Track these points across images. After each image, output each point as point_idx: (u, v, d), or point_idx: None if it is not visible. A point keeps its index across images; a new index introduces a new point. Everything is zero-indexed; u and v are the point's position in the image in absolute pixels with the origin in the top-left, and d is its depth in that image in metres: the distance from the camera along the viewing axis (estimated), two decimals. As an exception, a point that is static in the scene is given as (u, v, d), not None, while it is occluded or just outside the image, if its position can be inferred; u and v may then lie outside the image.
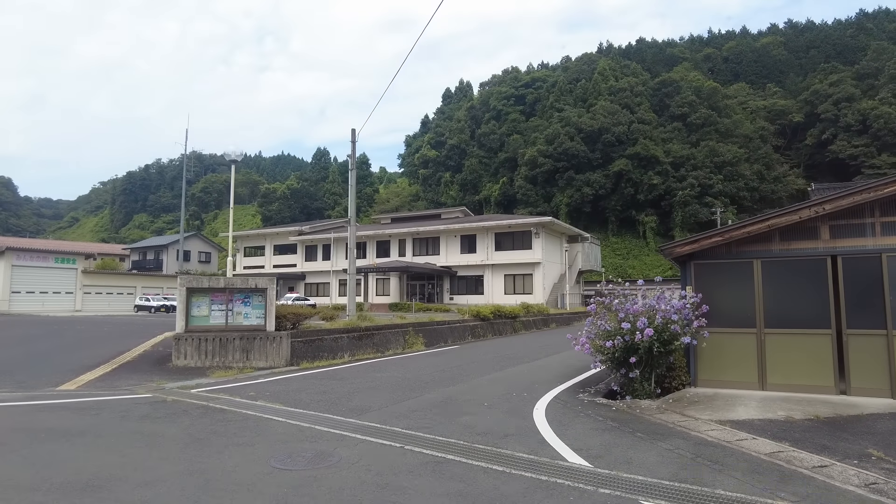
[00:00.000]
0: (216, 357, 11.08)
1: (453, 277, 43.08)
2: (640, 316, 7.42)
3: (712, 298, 7.82)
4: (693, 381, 7.93)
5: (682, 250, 7.87)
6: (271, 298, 11.71)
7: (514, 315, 22.37)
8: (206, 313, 11.48)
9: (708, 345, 7.63)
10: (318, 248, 49.63)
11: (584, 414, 6.36)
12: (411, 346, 14.99)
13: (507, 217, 46.78)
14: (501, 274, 40.97)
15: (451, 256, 43.17)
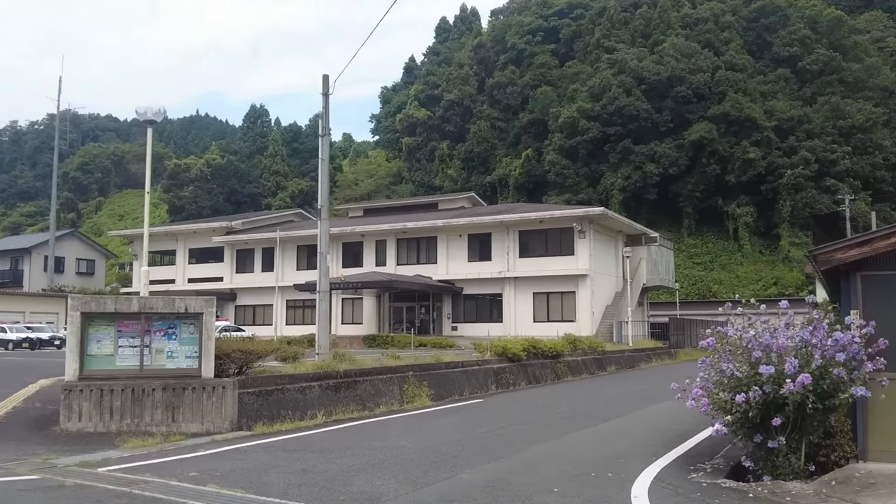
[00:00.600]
0: (127, 417, 10.84)
1: (457, 297, 43.06)
2: (787, 355, 7.26)
3: (889, 328, 7.68)
4: (862, 452, 7.78)
5: (845, 256, 7.74)
6: (209, 328, 11.51)
7: (555, 353, 22.32)
8: (112, 351, 11.25)
9: (887, 397, 7.49)
10: (254, 254, 49.52)
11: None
12: (412, 399, 14.84)
13: (538, 207, 46.86)
14: (529, 292, 41.01)
15: (455, 266, 43.19)
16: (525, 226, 41.42)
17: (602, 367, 25.90)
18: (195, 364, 11.55)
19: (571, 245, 40.22)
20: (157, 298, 11.48)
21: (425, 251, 45.08)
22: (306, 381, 13.08)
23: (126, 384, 10.92)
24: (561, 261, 40.12)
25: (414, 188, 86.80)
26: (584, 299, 39.37)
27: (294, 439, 10.18)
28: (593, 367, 25.21)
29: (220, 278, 49.84)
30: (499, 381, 18.72)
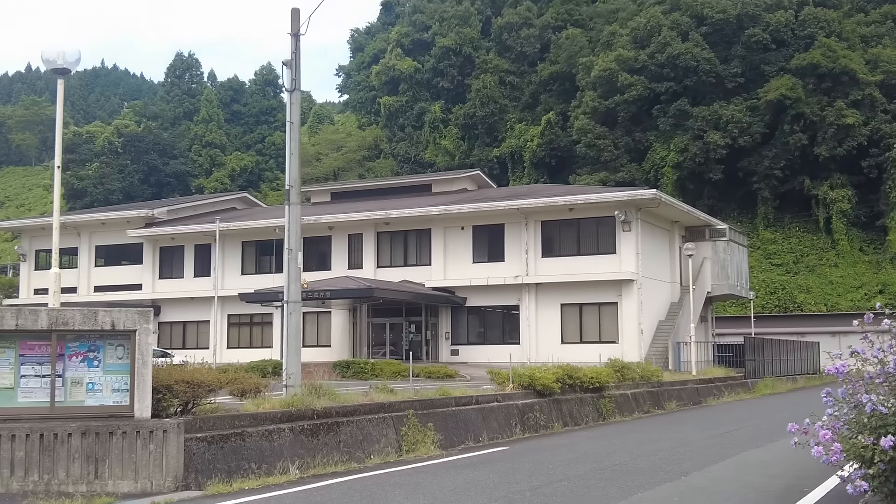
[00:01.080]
0: (34, 473, 10.65)
1: (458, 310, 43.02)
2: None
3: None
4: None
5: None
6: (144, 351, 11.34)
7: (598, 385, 22.30)
8: (11, 383, 11.08)
9: None
10: (184, 254, 49.38)
11: None
12: (414, 446, 14.75)
13: (567, 189, 46.79)
14: (555, 303, 41.02)
15: (456, 268, 43.14)
16: (550, 214, 41.41)
17: (658, 403, 25.91)
18: (125, 399, 11.38)
19: (612, 240, 40.25)
20: (73, 311, 11.30)
21: (415, 249, 45.05)
22: (273, 423, 12.95)
23: (32, 427, 10.72)
24: (598, 261, 40.14)
25: (396, 165, 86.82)
26: (630, 312, 39.43)
27: (262, 502, 10.04)
28: (647, 403, 25.21)
29: (138, 286, 49.68)
30: (525, 423, 18.65)
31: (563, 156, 76.88)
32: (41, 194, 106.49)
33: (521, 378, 19.73)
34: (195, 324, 48.29)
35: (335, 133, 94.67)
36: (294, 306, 15.06)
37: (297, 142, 15.07)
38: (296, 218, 15.11)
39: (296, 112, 14.96)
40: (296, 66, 14.67)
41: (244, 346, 46.23)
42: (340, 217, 45.06)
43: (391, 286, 40.77)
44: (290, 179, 15.20)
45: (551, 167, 77.26)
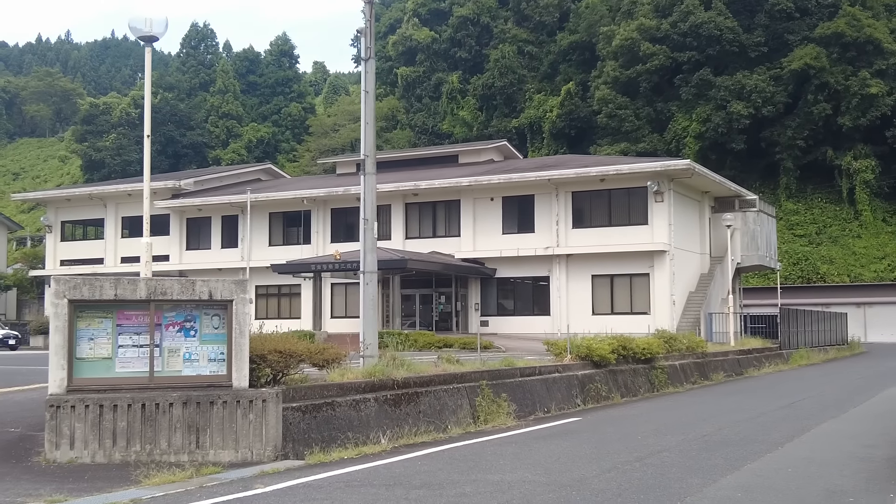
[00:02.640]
0: (136, 443, 10.64)
1: (487, 281, 42.97)
2: None
3: None
4: None
5: None
6: (242, 321, 11.29)
7: (649, 356, 22.24)
8: (109, 353, 11.03)
9: None
10: (211, 225, 49.34)
11: None
12: (489, 417, 14.74)
13: (599, 160, 46.45)
14: (586, 274, 40.92)
15: (485, 239, 43.02)
16: (581, 185, 41.21)
17: (705, 374, 25.88)
18: (222, 369, 11.35)
19: (644, 211, 40.09)
20: (171, 281, 11.23)
21: (444, 220, 44.95)
22: (359, 393, 12.94)
23: (133, 398, 10.70)
24: (630, 232, 40.00)
25: (414, 136, 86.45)
26: (662, 283, 39.35)
27: (370, 472, 10.00)
28: (694, 374, 25.18)
29: (166, 257, 49.64)
30: (586, 394, 18.63)
31: (582, 126, 76.40)
32: (56, 165, 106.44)
33: (578, 349, 19.66)
34: (223, 295, 48.33)
35: (352, 104, 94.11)
36: (370, 276, 14.99)
37: (372, 111, 14.92)
38: (371, 188, 15.01)
39: (370, 81, 14.78)
40: (370, 34, 14.46)
41: (272, 317, 46.22)
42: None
43: (424, 257, 40.73)
44: (364, 149, 15.07)
45: (570, 138, 76.80)
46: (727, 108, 66.83)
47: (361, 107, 15.02)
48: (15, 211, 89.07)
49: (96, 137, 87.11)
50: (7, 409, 13.70)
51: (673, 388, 22.40)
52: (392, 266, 39.24)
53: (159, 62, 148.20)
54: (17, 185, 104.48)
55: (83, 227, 53.51)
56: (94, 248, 51.60)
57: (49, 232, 52.98)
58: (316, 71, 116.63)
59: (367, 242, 15.07)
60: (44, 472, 9.99)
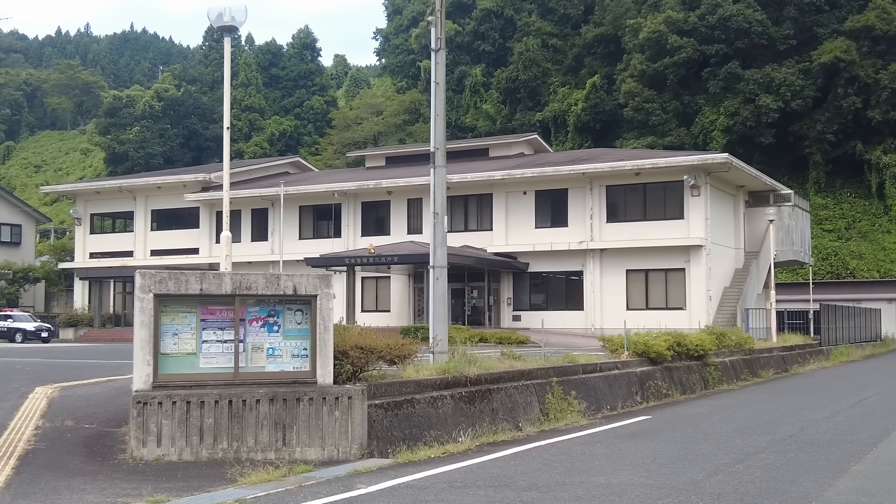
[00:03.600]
0: (223, 440, 10.47)
1: (520, 276, 42.71)
2: None
3: None
4: None
5: None
6: (326, 316, 11.09)
7: (700, 353, 21.95)
8: (193, 348, 10.86)
9: None
10: (241, 218, 49.20)
11: None
12: (559, 415, 14.52)
13: (633, 154, 46.00)
14: (620, 269, 40.60)
15: (518, 234, 42.77)
16: (616, 179, 40.90)
17: (753, 371, 25.59)
18: (305, 365, 11.16)
19: (680, 205, 39.77)
20: (256, 275, 11.03)
21: (476, 214, 44.75)
22: (435, 390, 12.75)
23: (220, 394, 10.52)
24: (665, 226, 39.69)
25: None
26: (699, 279, 39.03)
27: (466, 472, 9.79)
28: (744, 370, 24.90)
29: (195, 250, 49.63)
30: (645, 391, 18.39)
31: (607, 120, 75.88)
32: (78, 158, 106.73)
33: (635, 345, 19.42)
34: (252, 288, 48.24)
35: (373, 97, 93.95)
36: (440, 271, 14.77)
37: (443, 103, 14.69)
38: (441, 181, 14.78)
39: (441, 72, 14.54)
40: (440, 24, 14.19)
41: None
42: (401, 182, 44.69)
43: (457, 251, 40.46)
44: (434, 142, 14.84)
45: (595, 132, 76.28)
46: (756, 102, 66.17)
47: (431, 98, 14.80)
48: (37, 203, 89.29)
49: (119, 130, 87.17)
50: (75, 405, 13.54)
51: (727, 386, 22.14)
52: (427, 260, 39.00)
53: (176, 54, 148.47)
54: (38, 177, 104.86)
55: (112, 220, 53.53)
56: (124, 240, 51.61)
57: (78, 224, 53.02)
58: (337, 64, 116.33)
59: (437, 236, 14.86)
60: (134, 470, 9.82)
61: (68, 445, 10.87)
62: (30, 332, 42.13)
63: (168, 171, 64.65)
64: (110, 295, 50.71)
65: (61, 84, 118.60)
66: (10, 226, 57.96)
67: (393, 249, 40.11)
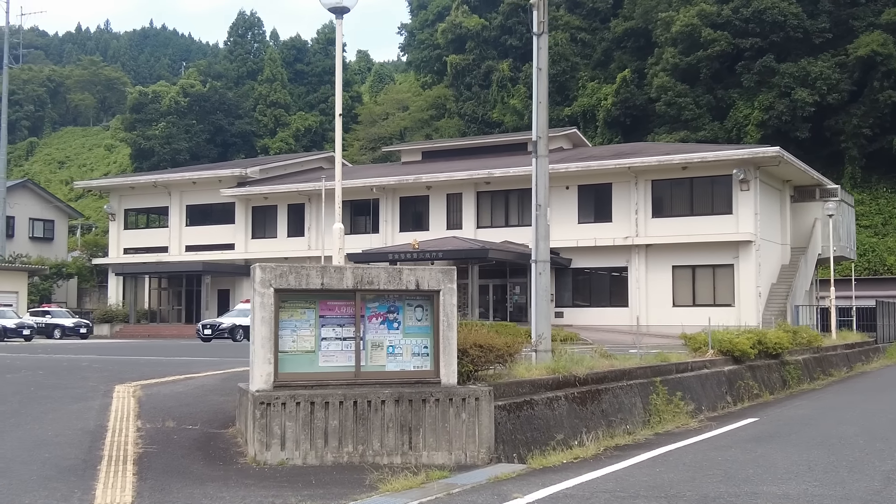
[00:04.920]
0: (348, 444, 9.86)
1: (562, 272, 42.04)
2: None
3: None
4: None
5: None
6: (449, 312, 10.47)
7: (778, 351, 21.25)
8: (312, 346, 10.26)
9: None
10: (277, 213, 48.74)
11: None
12: (666, 416, 13.85)
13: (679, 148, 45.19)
14: (666, 265, 39.89)
15: (560, 229, 42.05)
16: (661, 173, 40.21)
17: (824, 369, 24.89)
18: (426, 364, 10.54)
19: (728, 200, 39.07)
20: (377, 269, 10.44)
21: (517, 209, 44.11)
22: (548, 390, 12.12)
23: (345, 394, 9.91)
24: (713, 222, 38.99)
25: (463, 125, 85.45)
26: (748, 275, 38.31)
27: (616, 480, 9.16)
28: (816, 369, 24.18)
29: (231, 245, 49.20)
30: (735, 391, 17.73)
31: (638, 115, 74.93)
32: (102, 154, 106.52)
33: (722, 343, 18.73)
34: (289, 284, 47.71)
35: (399, 92, 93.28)
36: (543, 266, 14.11)
37: (545, 90, 14.01)
38: (544, 171, 14.12)
39: (543, 57, 13.86)
40: (543, 6, 13.54)
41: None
42: (441, 176, 44.08)
43: (500, 247, 39.91)
44: (536, 131, 14.17)
45: (626, 126, 75.35)
46: (791, 96, 65.13)
47: (534, 85, 14.11)
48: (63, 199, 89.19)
49: (145, 126, 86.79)
50: (165, 404, 12.98)
51: (807, 385, 21.45)
52: (472, 256, 38.50)
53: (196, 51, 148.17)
54: (62, 173, 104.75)
55: (146, 216, 53.14)
56: (158, 236, 51.22)
57: (112, 220, 52.66)
58: (360, 59, 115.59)
59: (539, 230, 14.18)
60: (262, 475, 9.22)
61: (180, 448, 10.29)
62: (68, 328, 41.81)
63: (203, 166, 64.26)
64: (145, 291, 50.33)
65: (84, 80, 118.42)
66: (43, 221, 57.70)
67: (436, 245, 39.56)
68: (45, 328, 41.21)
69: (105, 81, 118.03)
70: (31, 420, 11.80)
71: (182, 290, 48.98)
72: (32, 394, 14.28)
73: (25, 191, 57.77)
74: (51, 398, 13.76)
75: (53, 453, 9.87)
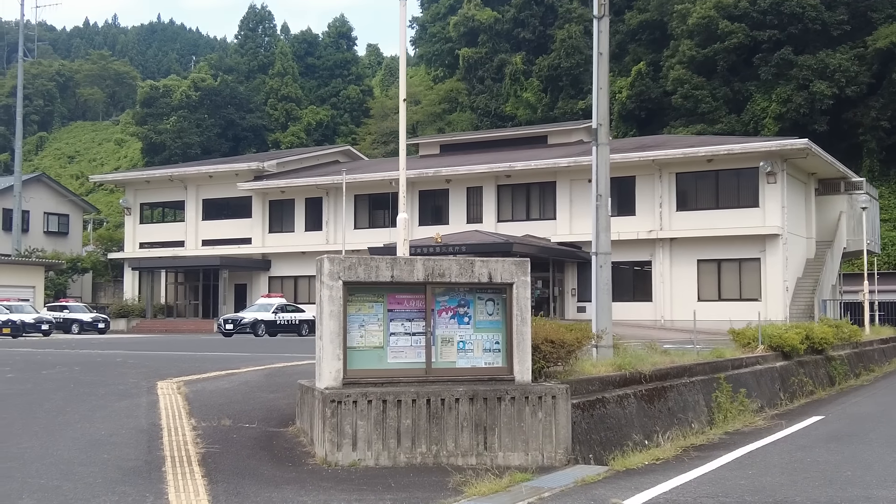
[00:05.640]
0: (421, 444, 9.39)
1: (584, 266, 41.45)
2: None
3: None
4: None
5: None
6: (523, 305, 10.00)
7: (821, 346, 20.72)
8: (380, 341, 9.79)
9: None
10: (295, 207, 48.27)
11: None
12: (732, 414, 13.35)
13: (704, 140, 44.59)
14: (691, 259, 39.35)
15: (582, 222, 41.54)
16: (686, 166, 39.65)
17: (865, 365, 24.37)
18: (497, 361, 10.07)
19: (755, 193, 38.51)
20: (448, 261, 9.94)
21: (538, 202, 43.61)
22: (616, 388, 11.64)
23: (417, 392, 9.44)
24: (739, 215, 38.46)
25: (476, 118, 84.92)
26: (775, 269, 37.77)
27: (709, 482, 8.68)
28: (857, 364, 23.66)
29: (247, 240, 48.74)
30: (788, 388, 17.23)
31: (653, 108, 74.28)
32: (112, 149, 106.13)
33: (772, 339, 18.20)
34: (307, 278, 47.24)
35: (412, 86, 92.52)
36: (604, 258, 13.58)
37: (606, 75, 13.49)
38: (605, 160, 13.57)
39: (604, 41, 13.35)
40: (603, -12, 13.02)
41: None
42: (462, 170, 43.54)
43: (525, 241, 39.42)
44: (597, 117, 13.64)
45: (640, 119, 74.76)
46: (809, 88, 64.44)
47: (594, 70, 13.60)
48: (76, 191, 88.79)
49: (156, 120, 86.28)
50: (214, 401, 12.52)
51: (854, 381, 20.94)
52: (497, 250, 37.87)
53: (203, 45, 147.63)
54: (72, 168, 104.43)
55: (162, 210, 52.71)
56: (174, 230, 50.78)
57: (128, 214, 52.22)
58: (370, 53, 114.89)
59: (600, 221, 13.61)
60: (336, 477, 8.74)
61: (243, 448, 9.82)
62: (86, 323, 41.41)
63: (220, 159, 63.79)
64: (161, 285, 49.93)
65: (93, 75, 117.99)
66: (58, 216, 57.29)
67: (460, 239, 39.04)
68: (62, 323, 40.79)
69: (114, 76, 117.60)
70: (81, 418, 11.36)
71: (199, 284, 48.52)
72: (74, 391, 13.85)
73: (40, 185, 57.37)
74: (94, 395, 13.33)
75: (112, 454, 9.43)
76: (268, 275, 48.03)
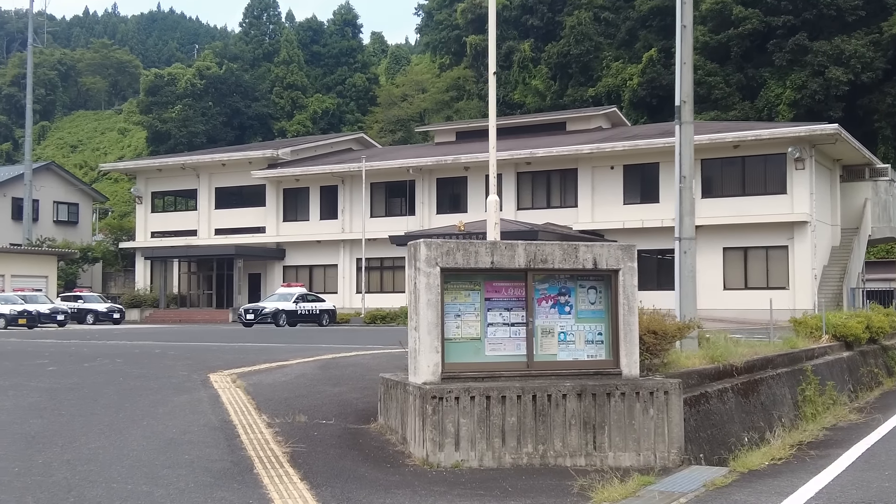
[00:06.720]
0: (528, 442, 8.68)
1: (607, 254, 40.83)
2: None
3: None
4: None
5: None
6: (630, 294, 9.28)
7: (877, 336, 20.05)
8: (478, 333, 9.07)
9: None
10: (309, 195, 47.48)
11: None
12: (820, 408, 12.66)
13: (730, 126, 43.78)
14: (717, 247, 38.65)
15: (604, 210, 40.90)
16: (711, 152, 38.89)
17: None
18: (600, 353, 9.36)
19: (782, 179, 37.82)
20: (552, 246, 9.22)
21: (559, 190, 42.89)
22: (712, 381, 10.94)
23: (523, 388, 8.71)
24: (766, 202, 37.77)
25: (483, 106, 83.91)
26: (803, 257, 37.11)
27: (852, 486, 7.96)
28: (906, 353, 22.94)
29: (261, 228, 47.98)
30: (856, 379, 16.54)
31: (664, 95, 73.23)
32: (116, 138, 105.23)
33: (837, 328, 17.52)
34: (322, 268, 46.57)
35: (419, 74, 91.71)
36: (688, 244, 12.85)
37: (690, 48, 12.75)
38: (689, 140, 12.81)
39: (688, 13, 12.62)
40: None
41: (375, 291, 44.42)
42: (481, 157, 42.65)
43: (541, 228, 38.73)
44: (681, 94, 12.89)
45: (652, 107, 73.87)
46: (825, 74, 63.66)
47: (677, 44, 12.87)
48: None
49: (161, 109, 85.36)
50: (279, 396, 11.79)
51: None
52: (521, 237, 37.23)
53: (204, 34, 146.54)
54: (75, 157, 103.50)
55: (174, 198, 51.89)
56: (187, 219, 50.00)
57: (139, 203, 51.41)
58: (374, 41, 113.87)
59: (684, 204, 12.86)
60: (443, 479, 8.01)
61: (330, 447, 9.09)
62: (101, 314, 40.70)
63: (232, 147, 62.92)
64: (174, 275, 49.18)
65: (95, 63, 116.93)
66: (68, 205, 56.49)
67: (481, 227, 38.26)
68: (77, 313, 40.06)
69: (116, 65, 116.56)
70: (143, 415, 10.63)
71: (213, 274, 47.76)
72: (125, 385, 13.12)
73: (49, 173, 56.53)
74: (148, 389, 12.60)
75: (193, 454, 8.70)
76: (282, 264, 47.28)
